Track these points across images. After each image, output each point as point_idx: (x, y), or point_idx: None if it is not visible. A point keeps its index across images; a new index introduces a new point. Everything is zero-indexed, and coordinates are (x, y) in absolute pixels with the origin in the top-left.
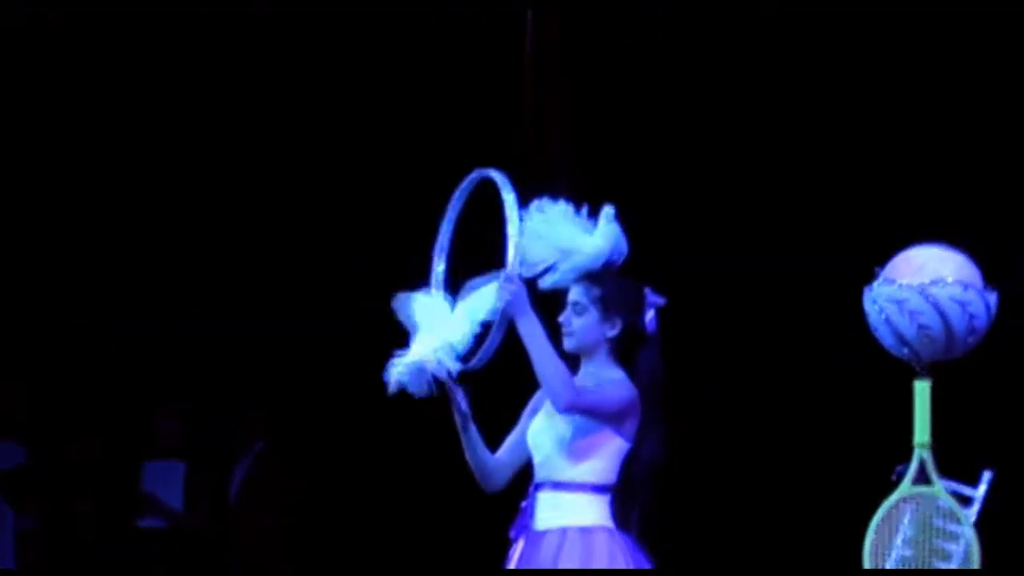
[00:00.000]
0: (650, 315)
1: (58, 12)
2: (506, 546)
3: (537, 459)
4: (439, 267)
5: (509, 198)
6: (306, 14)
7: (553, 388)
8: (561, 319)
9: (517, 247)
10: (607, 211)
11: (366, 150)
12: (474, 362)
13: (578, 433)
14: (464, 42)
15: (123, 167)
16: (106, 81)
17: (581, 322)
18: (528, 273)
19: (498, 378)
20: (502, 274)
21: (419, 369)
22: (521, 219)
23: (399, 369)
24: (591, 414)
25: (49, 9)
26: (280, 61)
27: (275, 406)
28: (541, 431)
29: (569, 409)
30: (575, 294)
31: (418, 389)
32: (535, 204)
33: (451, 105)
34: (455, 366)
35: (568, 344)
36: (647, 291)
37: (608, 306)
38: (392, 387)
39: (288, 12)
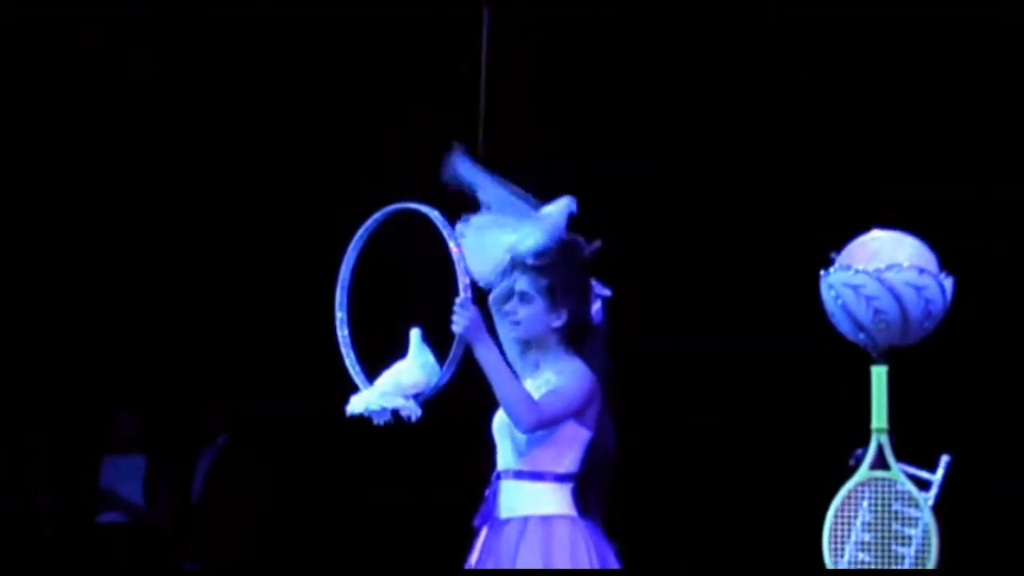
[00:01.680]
0: (596, 306)
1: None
2: (471, 534)
3: (500, 448)
4: (340, 313)
5: (450, 236)
6: (289, 13)
7: (515, 412)
8: (507, 308)
9: (464, 273)
10: (564, 202)
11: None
12: (428, 392)
13: None
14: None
15: (84, 162)
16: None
17: (527, 311)
18: (487, 282)
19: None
20: (456, 301)
21: (382, 410)
22: (457, 242)
23: (364, 404)
24: (557, 422)
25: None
26: (255, 55)
27: (239, 397)
28: (505, 421)
29: (533, 430)
30: (522, 284)
31: (379, 421)
32: (460, 223)
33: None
34: (417, 410)
35: (515, 333)
36: (594, 283)
37: (555, 296)
38: (350, 413)
39: (265, 12)
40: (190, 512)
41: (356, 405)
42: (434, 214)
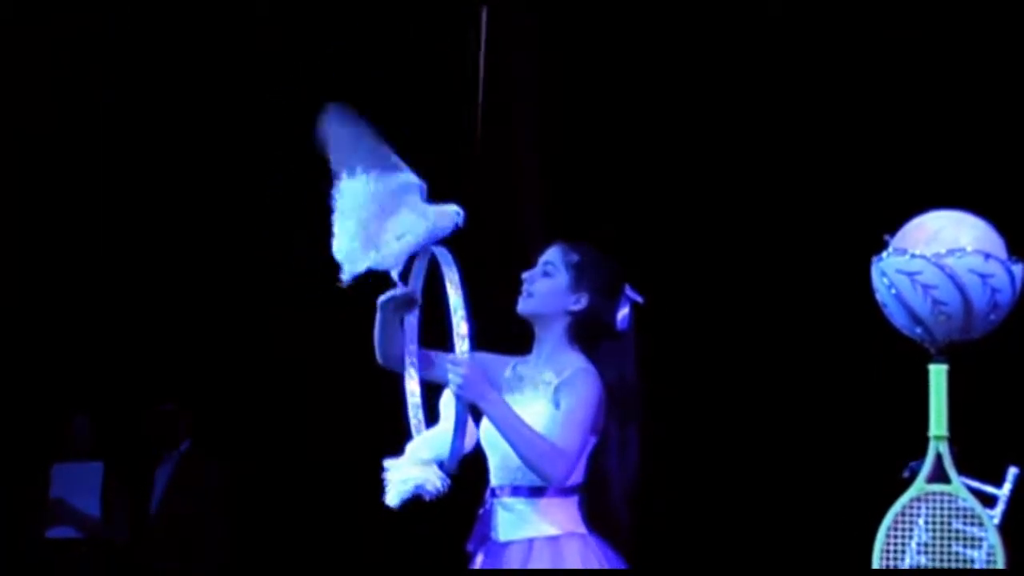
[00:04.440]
0: (624, 312)
1: None
2: (463, 560)
3: (493, 460)
4: (411, 358)
5: (452, 276)
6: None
7: (542, 469)
8: (525, 275)
9: (464, 321)
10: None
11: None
12: (448, 462)
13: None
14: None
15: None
16: None
17: (546, 284)
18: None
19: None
20: (449, 357)
21: (420, 486)
22: (463, 296)
23: (401, 492)
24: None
25: None
26: (235, 51)
27: (202, 400)
28: (496, 431)
29: (567, 479)
30: (550, 254)
31: (428, 496)
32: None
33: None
34: (436, 481)
35: (524, 306)
36: (627, 288)
37: (581, 276)
38: (394, 501)
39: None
40: (149, 527)
41: (392, 496)
42: (445, 256)
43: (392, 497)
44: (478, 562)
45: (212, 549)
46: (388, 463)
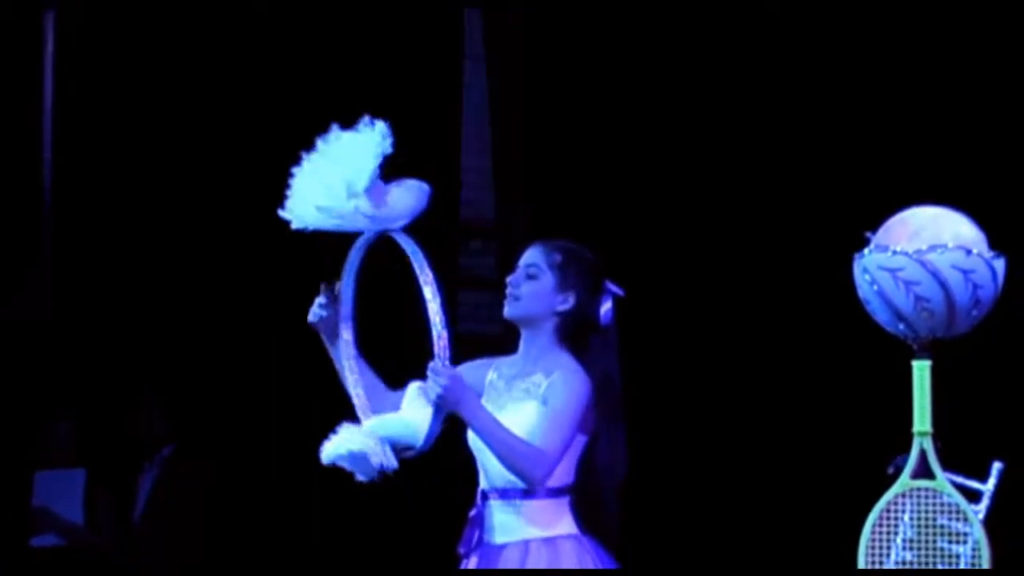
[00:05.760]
0: (607, 306)
1: None
2: (454, 562)
3: (481, 463)
4: (346, 335)
5: (430, 289)
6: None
7: (521, 471)
8: (509, 280)
9: (442, 326)
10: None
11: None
12: (414, 453)
13: (528, 433)
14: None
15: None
16: None
17: (532, 287)
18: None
19: None
20: (429, 365)
21: (362, 458)
22: (438, 295)
23: (339, 451)
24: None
25: None
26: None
27: (185, 404)
28: None
29: (547, 478)
30: (532, 256)
31: (361, 473)
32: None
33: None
34: (392, 461)
35: (510, 310)
36: (608, 282)
37: (566, 275)
38: (326, 461)
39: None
40: (133, 534)
41: (328, 450)
42: (411, 247)
43: (328, 452)
44: (471, 564)
45: (198, 554)
46: (344, 426)
